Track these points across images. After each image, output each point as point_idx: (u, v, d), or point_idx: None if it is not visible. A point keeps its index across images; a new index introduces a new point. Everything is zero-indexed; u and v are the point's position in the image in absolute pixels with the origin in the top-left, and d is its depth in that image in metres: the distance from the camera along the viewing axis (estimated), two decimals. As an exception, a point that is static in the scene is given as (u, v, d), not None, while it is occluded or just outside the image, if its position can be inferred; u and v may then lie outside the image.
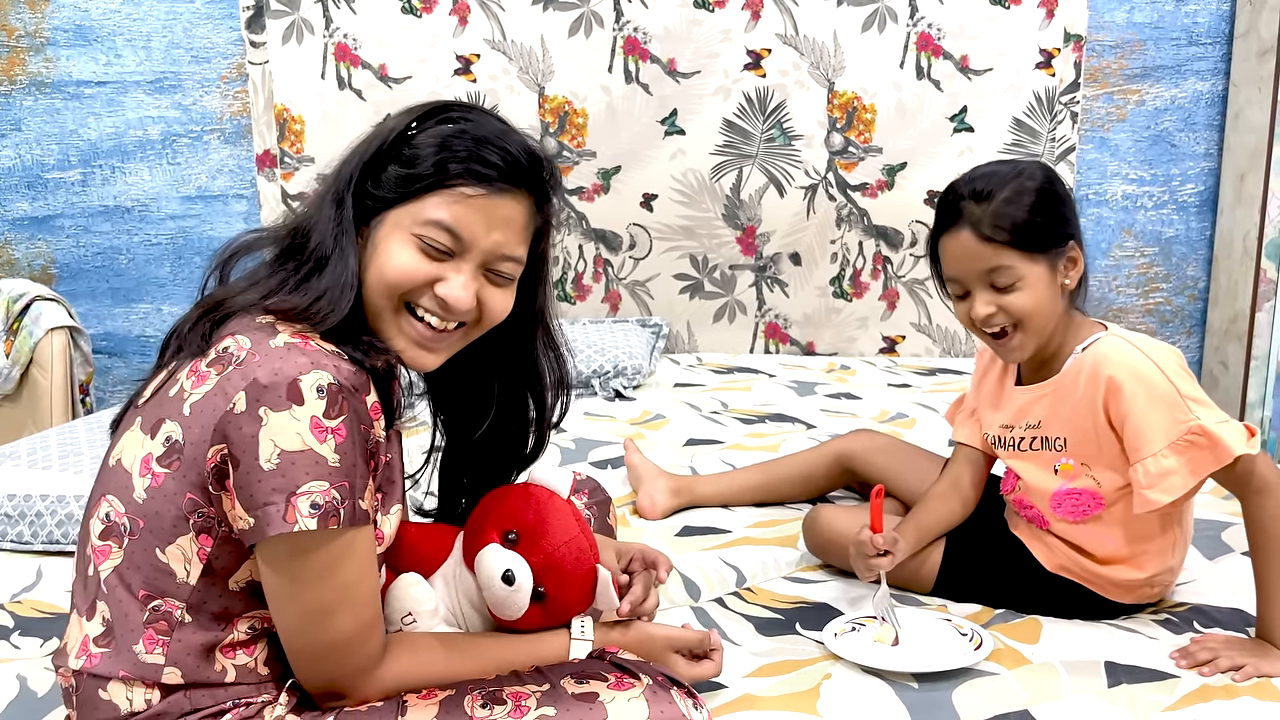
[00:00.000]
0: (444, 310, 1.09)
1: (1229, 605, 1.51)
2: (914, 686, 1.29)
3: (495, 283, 1.11)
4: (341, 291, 1.04)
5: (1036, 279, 1.40)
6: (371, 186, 1.08)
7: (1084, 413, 1.43)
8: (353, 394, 0.98)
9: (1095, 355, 1.41)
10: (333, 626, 1.01)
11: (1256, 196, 2.92)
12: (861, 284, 3.17)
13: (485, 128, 1.09)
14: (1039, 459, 1.51)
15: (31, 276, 3.25)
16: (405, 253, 1.06)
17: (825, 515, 1.66)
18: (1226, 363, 3.08)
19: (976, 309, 1.43)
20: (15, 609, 1.55)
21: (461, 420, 1.30)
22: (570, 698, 1.06)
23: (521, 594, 1.16)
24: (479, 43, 3.04)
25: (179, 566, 1.01)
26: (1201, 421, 1.34)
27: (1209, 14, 3.04)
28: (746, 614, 1.52)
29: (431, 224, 1.06)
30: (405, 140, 1.08)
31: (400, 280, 1.06)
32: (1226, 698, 1.26)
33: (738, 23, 3.00)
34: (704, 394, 2.68)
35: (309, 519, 0.95)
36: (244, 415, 0.95)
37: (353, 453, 0.97)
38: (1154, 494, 1.36)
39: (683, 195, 3.11)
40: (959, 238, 1.42)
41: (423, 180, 1.06)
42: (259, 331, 1.01)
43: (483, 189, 1.07)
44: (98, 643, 1.04)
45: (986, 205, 1.40)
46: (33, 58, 3.14)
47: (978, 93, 3.01)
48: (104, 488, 1.06)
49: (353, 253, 1.06)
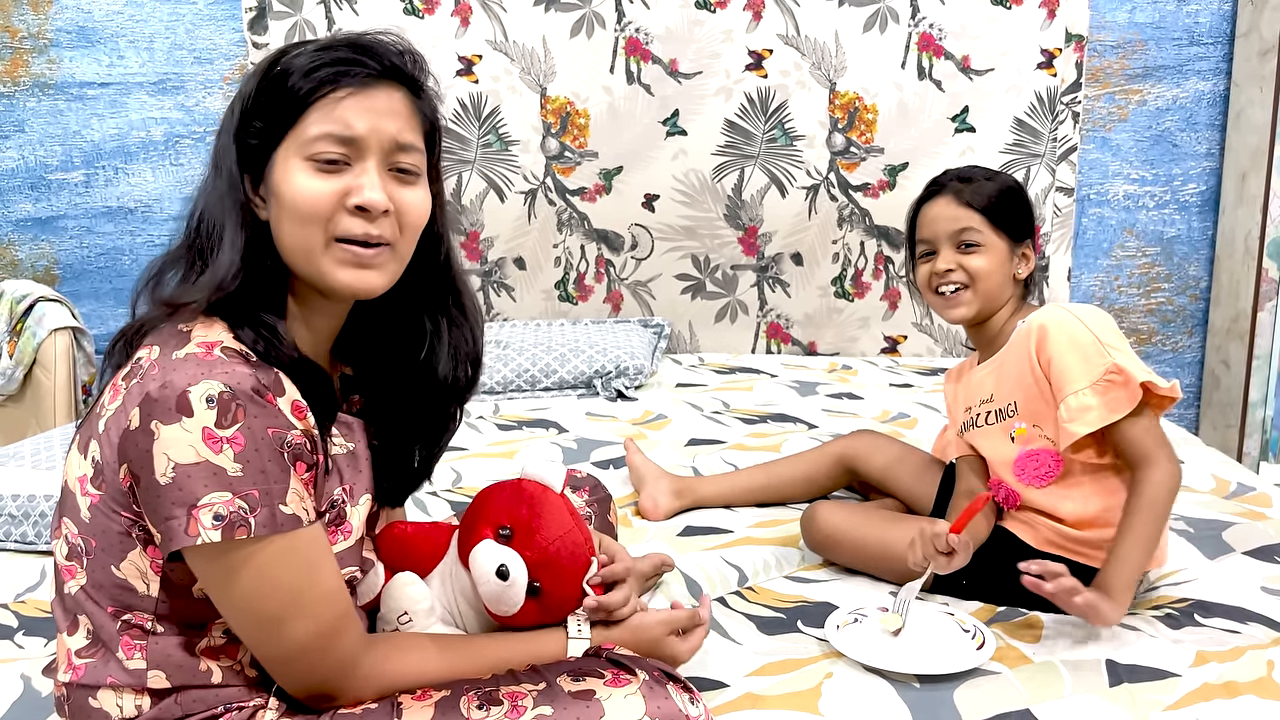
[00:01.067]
0: (366, 218, 1.03)
1: (1230, 603, 1.52)
2: (915, 685, 1.30)
3: (403, 180, 1.06)
4: (230, 266, 1.01)
5: (995, 250, 1.60)
6: (248, 148, 1.04)
7: (1024, 369, 1.55)
8: (252, 399, 0.94)
9: (1031, 320, 1.56)
10: (288, 634, 0.99)
11: (1258, 196, 2.92)
12: (863, 284, 3.17)
13: (328, 39, 1.06)
14: (998, 431, 1.60)
15: (35, 277, 3.26)
16: (303, 178, 1.01)
17: (823, 511, 1.67)
18: (1228, 362, 3.08)
19: (939, 264, 1.61)
20: (19, 609, 1.56)
21: (384, 398, 1.22)
22: (567, 696, 1.06)
23: (516, 589, 1.15)
24: (481, 43, 3.04)
25: (137, 582, 1.00)
26: (1117, 360, 1.46)
27: (1210, 13, 3.04)
28: (748, 613, 1.52)
29: (317, 139, 1.01)
30: (262, 91, 1.03)
31: (312, 206, 1.01)
32: (1228, 696, 1.27)
33: (739, 23, 3.00)
34: (706, 394, 2.69)
35: (212, 531, 0.92)
36: (138, 431, 0.93)
37: (258, 459, 0.94)
38: (1072, 426, 1.48)
39: (684, 196, 3.11)
40: (940, 201, 1.63)
41: (291, 108, 1.01)
42: (173, 339, 0.99)
43: (350, 87, 1.02)
44: (81, 654, 1.04)
45: (971, 184, 1.63)
46: (36, 59, 3.15)
47: (979, 93, 3.01)
48: (62, 508, 1.05)
49: (237, 219, 1.02)
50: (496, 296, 3.23)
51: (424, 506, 1.92)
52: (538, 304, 3.23)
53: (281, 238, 1.03)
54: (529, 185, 3.12)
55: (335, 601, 1.01)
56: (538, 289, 3.22)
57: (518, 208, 3.14)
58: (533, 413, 2.48)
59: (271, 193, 1.03)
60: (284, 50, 1.06)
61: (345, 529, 1.08)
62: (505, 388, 2.66)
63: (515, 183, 3.12)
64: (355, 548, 1.10)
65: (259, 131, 1.03)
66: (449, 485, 2.02)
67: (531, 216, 3.15)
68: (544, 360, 2.69)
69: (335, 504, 1.07)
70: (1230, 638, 1.41)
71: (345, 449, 1.11)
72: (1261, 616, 1.47)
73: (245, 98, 1.04)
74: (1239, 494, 1.95)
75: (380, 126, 1.03)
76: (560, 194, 3.13)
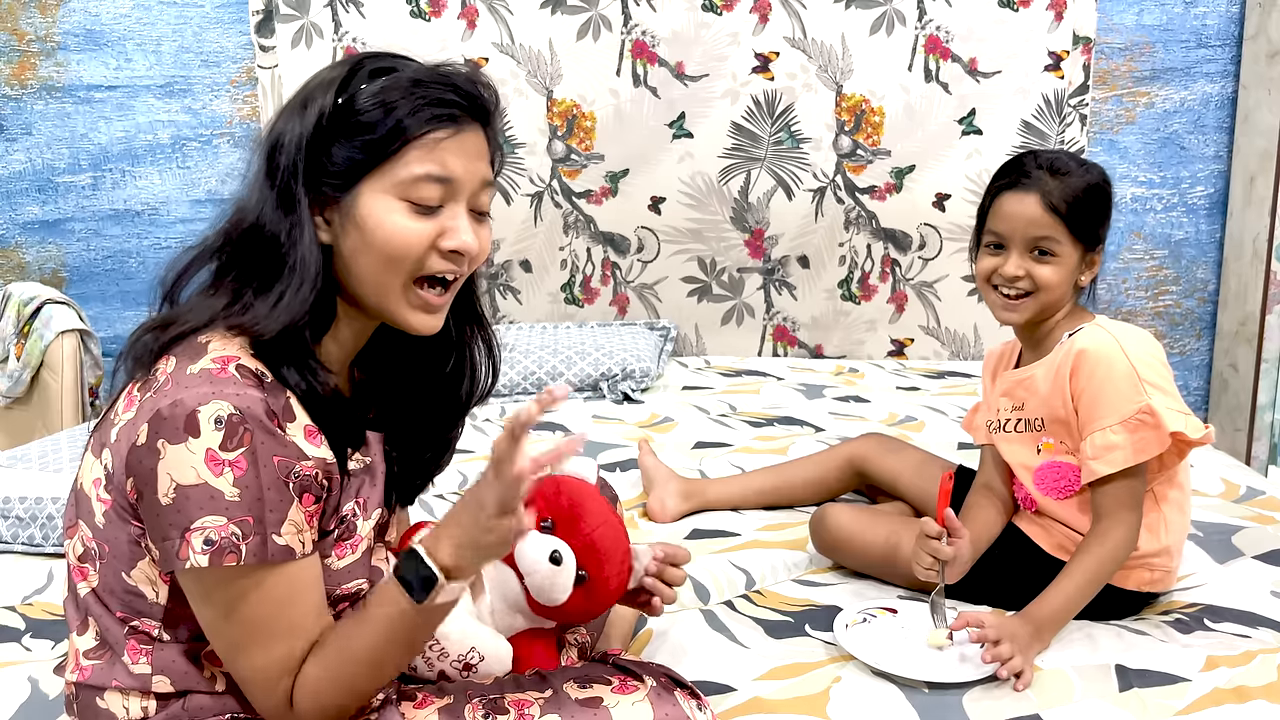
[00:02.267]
0: (457, 262, 1.04)
1: (1239, 607, 1.51)
2: (924, 691, 1.29)
3: (478, 220, 1.06)
4: (306, 297, 0.99)
5: (1068, 260, 1.50)
6: (319, 168, 1.01)
7: (1054, 391, 1.50)
8: (261, 425, 0.93)
9: (1075, 340, 1.49)
10: (243, 661, 0.98)
11: (1266, 198, 2.91)
12: (870, 287, 3.17)
13: (415, 70, 1.04)
14: (1024, 440, 1.57)
15: (42, 280, 3.26)
16: (401, 219, 1.00)
17: (833, 514, 1.66)
18: (1237, 365, 3.07)
19: (1008, 267, 1.51)
20: (27, 611, 1.56)
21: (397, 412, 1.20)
22: (574, 703, 1.06)
23: (567, 574, 1.16)
24: (487, 46, 3.04)
25: (147, 589, 1.00)
26: (1151, 402, 1.41)
27: (1218, 16, 3.03)
28: (756, 617, 1.52)
29: (418, 180, 1.00)
30: (341, 112, 1.01)
31: (409, 247, 1.00)
32: (1239, 701, 1.26)
33: (746, 26, 3.00)
34: (712, 397, 2.68)
35: (200, 556, 0.92)
36: (144, 448, 0.93)
37: (257, 485, 0.92)
38: (1097, 464, 1.43)
39: (691, 198, 3.11)
40: (1024, 199, 1.50)
41: (389, 141, 0.99)
42: (189, 351, 0.97)
43: (450, 128, 1.01)
44: (89, 655, 1.04)
45: (1061, 180, 1.49)
46: (43, 62, 3.15)
47: (986, 95, 3.01)
48: (77, 509, 1.04)
49: (308, 243, 0.99)
50: (503, 299, 3.23)
51: (430, 509, 1.92)
52: (544, 307, 3.23)
53: (356, 269, 1.02)
54: (535, 188, 3.12)
55: (294, 641, 0.98)
56: (544, 292, 3.22)
57: (524, 210, 3.14)
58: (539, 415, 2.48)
59: (353, 223, 1.00)
60: (360, 68, 1.02)
61: (354, 543, 1.07)
62: (511, 391, 2.66)
63: (521, 185, 3.12)
64: (364, 559, 1.09)
65: (344, 157, 1.00)
66: (456, 488, 2.01)
67: (538, 219, 3.15)
68: (550, 363, 2.69)
69: (346, 519, 1.06)
70: (1240, 642, 1.41)
71: (362, 463, 1.10)
72: (1272, 621, 1.47)
73: (324, 115, 1.00)
74: (1248, 498, 1.94)
75: (474, 170, 1.04)
76: (566, 197, 3.13)
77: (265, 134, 1.05)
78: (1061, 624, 1.40)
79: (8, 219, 3.26)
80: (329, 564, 1.04)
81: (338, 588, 1.06)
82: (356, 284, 1.03)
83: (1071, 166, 1.51)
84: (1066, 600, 1.40)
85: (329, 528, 1.04)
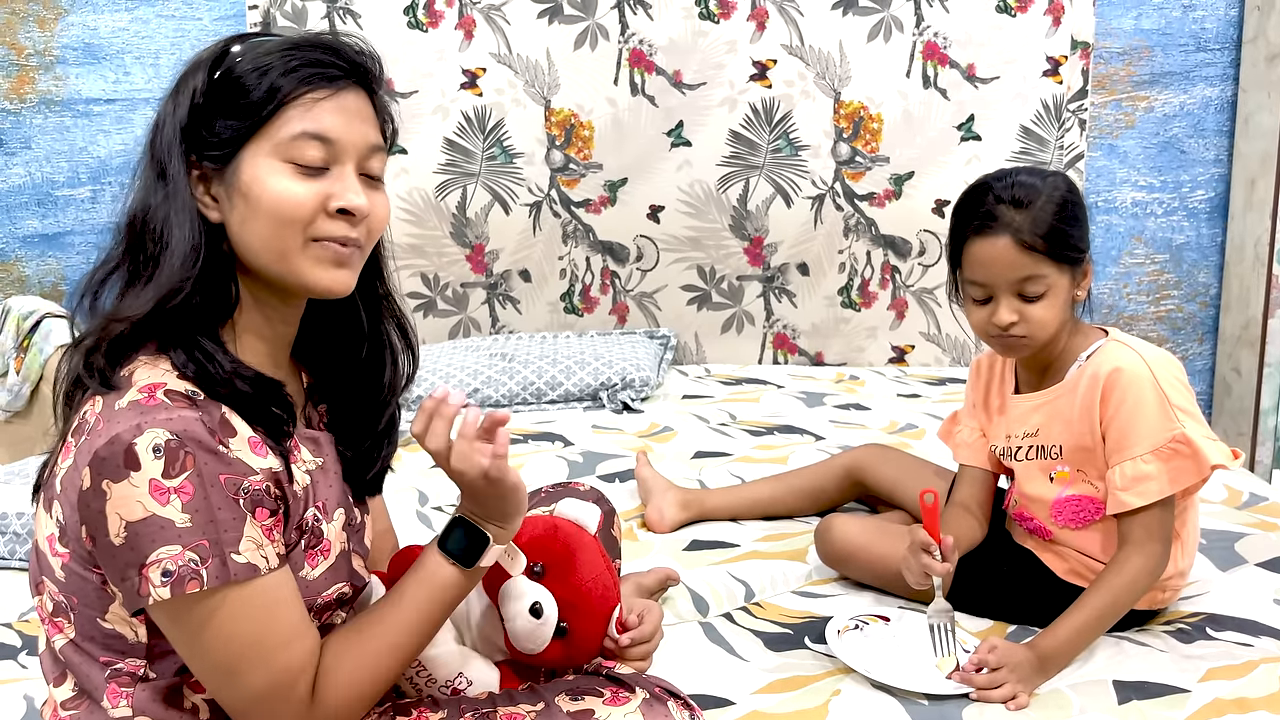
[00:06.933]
0: (351, 224, 1.00)
1: (1241, 615, 1.50)
2: (923, 704, 1.28)
3: (371, 184, 1.04)
4: (181, 270, 0.96)
5: (1061, 290, 1.42)
6: (200, 145, 0.99)
7: (1083, 417, 1.44)
8: (201, 445, 0.90)
9: (1097, 362, 1.43)
10: (243, 685, 0.95)
11: (1267, 202, 2.90)
12: (870, 294, 3.16)
13: (290, 37, 1.03)
14: (1035, 468, 1.52)
15: (42, 294, 3.26)
16: (283, 180, 0.97)
17: (840, 525, 1.65)
18: (1239, 369, 3.06)
19: (1001, 315, 1.43)
20: (23, 628, 1.56)
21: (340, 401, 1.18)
22: (566, 716, 1.05)
23: (546, 627, 1.15)
24: (485, 56, 3.04)
25: (125, 630, 0.98)
26: (1186, 431, 1.36)
27: (1217, 19, 3.03)
28: (755, 629, 1.51)
29: (298, 138, 0.98)
30: (217, 86, 0.99)
31: (294, 210, 0.98)
32: (1240, 712, 1.25)
33: (743, 34, 3.00)
34: (712, 405, 2.68)
35: (161, 589, 0.89)
36: (90, 492, 0.90)
37: (207, 507, 0.90)
38: (1128, 496, 1.38)
39: (689, 207, 3.11)
40: (996, 244, 1.40)
41: (267, 104, 0.97)
42: (116, 389, 0.94)
43: (328, 88, 1.00)
44: (66, 706, 1.02)
45: (1026, 213, 1.40)
46: (42, 76, 3.16)
47: (985, 101, 3.00)
48: (40, 568, 1.02)
49: (188, 219, 0.97)
50: (502, 309, 3.22)
51: (429, 522, 1.91)
52: (543, 316, 3.23)
53: (247, 239, 0.99)
54: (534, 198, 3.12)
55: (293, 648, 0.97)
56: (543, 301, 3.22)
57: (522, 220, 3.14)
58: (538, 426, 2.48)
59: (237, 193, 0.98)
60: (232, 46, 1.02)
61: (324, 548, 1.05)
62: (511, 401, 2.65)
63: (520, 195, 3.12)
64: (340, 563, 1.07)
65: (220, 129, 0.98)
66: (455, 499, 2.01)
67: (536, 229, 3.15)
68: (549, 373, 2.69)
69: (310, 525, 1.04)
70: (1242, 651, 1.40)
71: (315, 464, 1.07)
72: (1274, 629, 1.46)
73: (197, 92, 0.99)
74: (1251, 504, 1.93)
75: (355, 129, 1.02)
76: (565, 206, 3.13)
77: None
78: (1069, 657, 1.35)
79: (7, 233, 3.26)
80: (303, 576, 1.02)
81: (318, 597, 1.04)
82: (254, 256, 1.00)
83: (1034, 193, 1.40)
84: (1076, 634, 1.36)
85: (292, 541, 1.02)
